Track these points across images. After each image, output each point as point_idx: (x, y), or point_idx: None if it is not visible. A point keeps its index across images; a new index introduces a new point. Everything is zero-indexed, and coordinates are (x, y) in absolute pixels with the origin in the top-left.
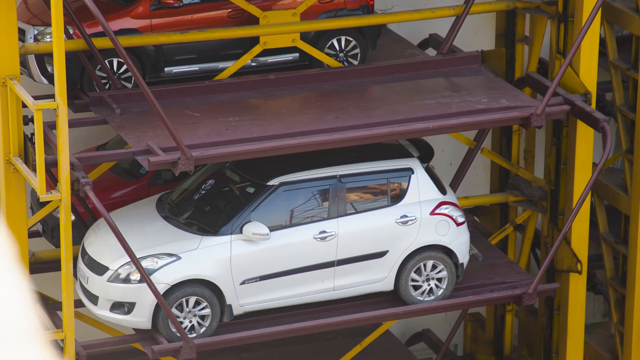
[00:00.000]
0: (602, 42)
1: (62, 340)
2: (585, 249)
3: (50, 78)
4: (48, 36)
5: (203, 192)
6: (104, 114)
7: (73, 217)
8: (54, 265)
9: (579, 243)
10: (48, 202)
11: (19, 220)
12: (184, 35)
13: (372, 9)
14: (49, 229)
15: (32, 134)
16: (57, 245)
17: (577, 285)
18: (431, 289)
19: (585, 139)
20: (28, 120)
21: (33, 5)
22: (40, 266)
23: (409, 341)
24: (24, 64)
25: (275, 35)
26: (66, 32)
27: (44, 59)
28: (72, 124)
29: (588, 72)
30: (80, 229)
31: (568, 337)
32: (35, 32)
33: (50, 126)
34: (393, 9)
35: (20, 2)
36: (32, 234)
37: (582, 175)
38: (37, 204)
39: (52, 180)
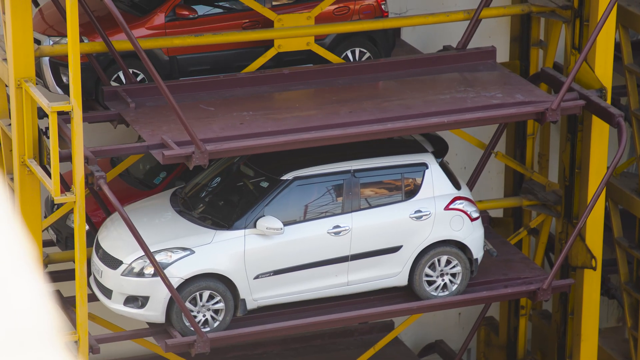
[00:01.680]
0: (617, 47)
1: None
2: (600, 247)
3: (65, 88)
4: None
5: (217, 186)
6: (118, 108)
7: (87, 227)
8: (67, 274)
9: (594, 241)
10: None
11: (33, 221)
12: (197, 38)
13: None
14: (63, 238)
15: (47, 128)
16: None
17: (592, 285)
18: (445, 284)
19: (600, 140)
20: (43, 114)
21: (49, 17)
22: (54, 275)
23: (421, 352)
24: (39, 74)
25: (290, 38)
26: (81, 42)
27: (59, 69)
28: (86, 119)
29: (603, 67)
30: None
31: (582, 341)
32: (51, 42)
33: (65, 120)
34: (407, 12)
35: (35, 13)
36: (46, 243)
37: (597, 178)
38: (50, 211)
39: (65, 188)
